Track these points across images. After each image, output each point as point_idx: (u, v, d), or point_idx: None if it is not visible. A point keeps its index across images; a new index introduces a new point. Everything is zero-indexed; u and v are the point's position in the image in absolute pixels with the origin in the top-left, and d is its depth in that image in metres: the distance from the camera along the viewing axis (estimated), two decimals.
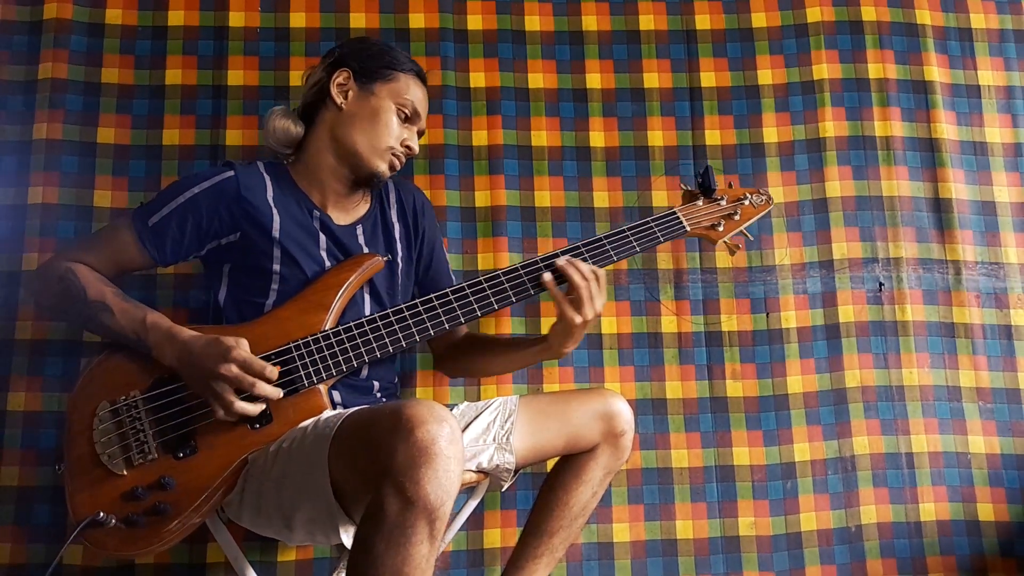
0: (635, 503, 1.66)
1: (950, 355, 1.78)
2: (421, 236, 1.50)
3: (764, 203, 1.49)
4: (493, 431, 1.32)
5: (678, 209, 1.43)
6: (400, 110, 1.38)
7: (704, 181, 1.46)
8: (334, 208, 1.40)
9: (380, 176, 1.39)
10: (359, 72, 1.38)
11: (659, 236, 1.39)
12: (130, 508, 1.13)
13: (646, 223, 1.39)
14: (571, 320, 1.27)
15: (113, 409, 1.18)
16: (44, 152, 1.65)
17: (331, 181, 1.39)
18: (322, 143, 1.39)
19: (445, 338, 1.51)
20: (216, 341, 1.15)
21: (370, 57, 1.40)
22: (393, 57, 1.41)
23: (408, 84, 1.40)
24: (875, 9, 1.91)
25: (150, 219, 1.28)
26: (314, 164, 1.39)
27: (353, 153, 1.37)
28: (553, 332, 1.33)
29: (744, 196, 1.48)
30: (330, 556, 1.57)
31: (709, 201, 1.46)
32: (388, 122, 1.37)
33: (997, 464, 1.73)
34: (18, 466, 1.53)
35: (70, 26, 1.71)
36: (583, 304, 1.26)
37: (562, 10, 1.86)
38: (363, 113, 1.37)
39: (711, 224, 1.44)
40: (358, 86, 1.38)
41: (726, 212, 1.46)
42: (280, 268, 1.30)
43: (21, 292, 1.60)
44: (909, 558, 1.68)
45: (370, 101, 1.37)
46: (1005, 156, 1.88)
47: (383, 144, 1.37)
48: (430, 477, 0.94)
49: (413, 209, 1.51)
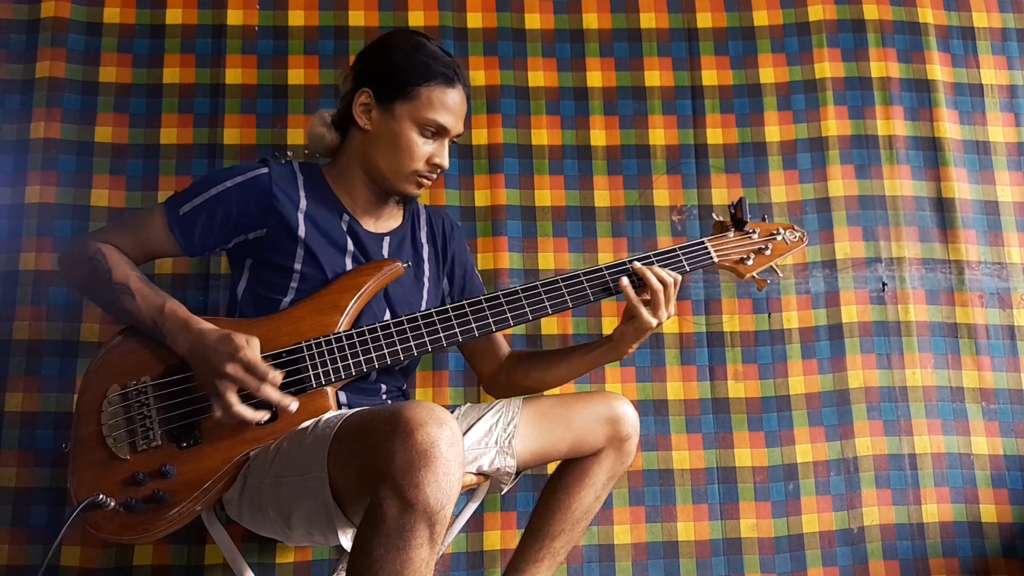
0: (636, 505, 1.65)
1: (953, 355, 1.77)
2: (451, 260, 1.49)
3: (798, 240, 1.43)
4: (495, 434, 1.31)
5: (707, 239, 1.40)
6: (424, 130, 1.32)
7: (737, 212, 1.42)
8: (364, 215, 1.38)
9: (410, 196, 1.37)
10: (379, 92, 1.32)
11: (685, 265, 1.36)
12: (129, 493, 1.13)
13: (672, 251, 1.36)
14: (647, 323, 1.28)
15: (123, 393, 1.19)
16: (41, 151, 1.64)
17: (362, 191, 1.38)
18: (353, 158, 1.37)
19: (489, 360, 1.48)
20: (228, 338, 1.14)
21: (389, 74, 1.32)
22: (413, 69, 1.31)
23: (431, 98, 1.31)
24: (877, 7, 1.90)
25: (182, 208, 1.28)
26: (347, 173, 1.38)
27: (380, 175, 1.35)
28: (622, 333, 1.32)
29: (777, 231, 1.42)
30: (329, 558, 1.56)
31: (740, 234, 1.41)
32: (409, 147, 1.31)
33: (1000, 465, 1.72)
34: (15, 467, 1.53)
35: (68, 25, 1.70)
36: (659, 307, 1.28)
37: (562, 8, 1.85)
38: (386, 137, 1.32)
39: (740, 258, 1.39)
40: (379, 107, 1.32)
41: (757, 247, 1.41)
42: (301, 267, 1.29)
43: (18, 292, 1.60)
44: (912, 560, 1.67)
45: (390, 125, 1.31)
46: (1008, 155, 1.87)
47: (406, 169, 1.33)
48: (430, 480, 0.93)
49: (443, 233, 1.50)
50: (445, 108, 1.32)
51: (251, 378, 1.13)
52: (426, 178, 1.35)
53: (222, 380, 1.12)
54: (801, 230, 1.46)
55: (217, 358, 1.13)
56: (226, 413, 1.13)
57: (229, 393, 1.12)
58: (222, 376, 1.12)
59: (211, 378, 1.14)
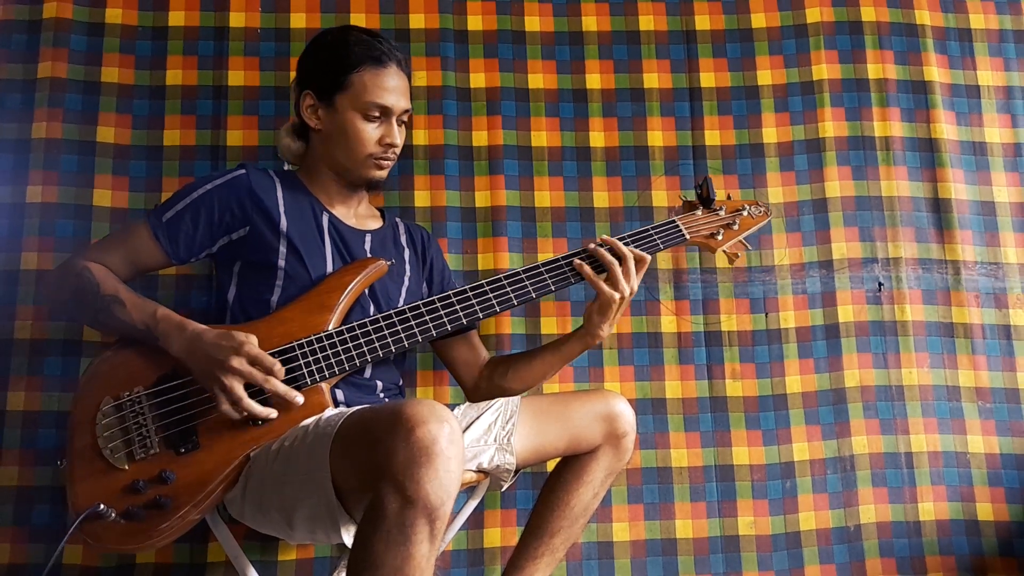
0: (635, 502, 1.66)
1: (949, 355, 1.78)
2: (430, 264, 1.53)
3: (762, 214, 1.50)
4: (494, 432, 1.32)
5: (678, 218, 1.45)
6: (367, 115, 1.35)
7: (703, 191, 1.48)
8: (341, 207, 1.42)
9: (374, 180, 1.41)
10: (318, 90, 1.36)
11: (659, 244, 1.42)
12: (130, 501, 1.13)
13: (646, 231, 1.42)
14: (609, 296, 1.31)
15: (117, 404, 1.19)
16: (43, 151, 1.65)
17: (333, 186, 1.42)
18: (316, 158, 1.42)
19: (469, 368, 1.51)
20: (228, 334, 1.16)
21: (322, 69, 1.36)
22: (342, 60, 1.35)
23: (365, 83, 1.34)
24: (875, 9, 1.91)
25: (164, 215, 1.30)
26: (316, 173, 1.42)
27: (342, 168, 1.39)
28: (589, 314, 1.36)
29: (742, 207, 1.49)
30: (330, 555, 1.57)
31: (708, 211, 1.48)
32: (358, 134, 1.35)
33: (996, 464, 1.73)
34: (17, 466, 1.53)
35: (70, 25, 1.70)
36: (618, 280, 1.31)
37: (562, 10, 1.86)
38: (336, 131, 1.36)
39: (710, 233, 1.46)
40: (323, 105, 1.37)
41: (725, 222, 1.47)
42: (285, 264, 1.31)
43: (20, 291, 1.60)
44: (908, 558, 1.68)
45: (336, 118, 1.36)
46: (1004, 156, 1.88)
47: (361, 155, 1.37)
48: (430, 477, 0.94)
49: (421, 241, 1.54)
50: (382, 88, 1.35)
51: (257, 371, 1.14)
52: (384, 159, 1.39)
53: (228, 374, 1.13)
54: (765, 204, 1.52)
55: (221, 353, 1.14)
56: (235, 407, 1.14)
57: (236, 387, 1.13)
58: (227, 370, 1.13)
59: (214, 374, 1.14)
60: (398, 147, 1.40)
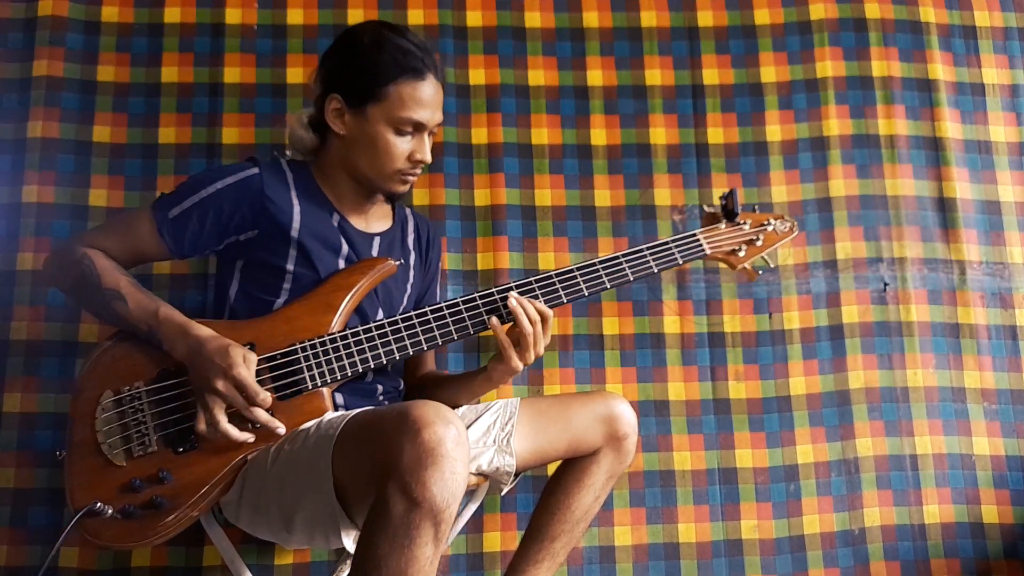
0: (637, 506, 1.64)
1: (955, 356, 1.76)
2: (429, 269, 1.52)
3: (788, 230, 1.45)
4: (493, 433, 1.31)
5: (699, 232, 1.41)
6: (400, 129, 1.28)
7: (728, 204, 1.42)
8: (353, 213, 1.37)
9: (397, 194, 1.36)
10: (348, 97, 1.29)
11: (678, 258, 1.37)
12: (127, 499, 1.12)
13: (665, 244, 1.37)
14: (515, 366, 1.27)
15: (116, 399, 1.18)
16: (39, 150, 1.64)
17: (348, 191, 1.37)
18: (335, 160, 1.35)
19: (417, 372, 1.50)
20: (224, 352, 1.13)
21: (354, 74, 1.28)
22: (380, 69, 1.27)
23: (402, 96, 1.27)
24: (879, 6, 1.89)
25: (171, 211, 1.26)
26: (332, 174, 1.36)
27: (364, 177, 1.34)
28: (493, 367, 1.31)
29: (768, 221, 1.43)
30: (328, 559, 1.55)
31: (731, 225, 1.42)
32: (388, 148, 1.29)
33: (1002, 466, 1.72)
34: (14, 467, 1.53)
35: (66, 23, 1.69)
36: (528, 349, 1.27)
37: (563, 6, 1.84)
38: (363, 141, 1.30)
39: (732, 249, 1.41)
40: (351, 111, 1.29)
41: (748, 237, 1.42)
42: (294, 268, 1.28)
43: (16, 292, 1.59)
44: (913, 561, 1.67)
45: (365, 128, 1.29)
46: (1010, 155, 1.86)
47: (388, 170, 1.31)
48: (436, 478, 0.93)
49: (428, 241, 1.51)
50: (418, 103, 1.28)
51: (239, 398, 1.12)
52: (410, 175, 1.34)
53: (211, 395, 1.12)
54: (792, 219, 1.46)
55: (211, 371, 1.12)
56: (211, 428, 1.13)
57: (216, 409, 1.12)
58: (212, 391, 1.12)
59: (201, 390, 1.13)
60: (426, 162, 1.32)
